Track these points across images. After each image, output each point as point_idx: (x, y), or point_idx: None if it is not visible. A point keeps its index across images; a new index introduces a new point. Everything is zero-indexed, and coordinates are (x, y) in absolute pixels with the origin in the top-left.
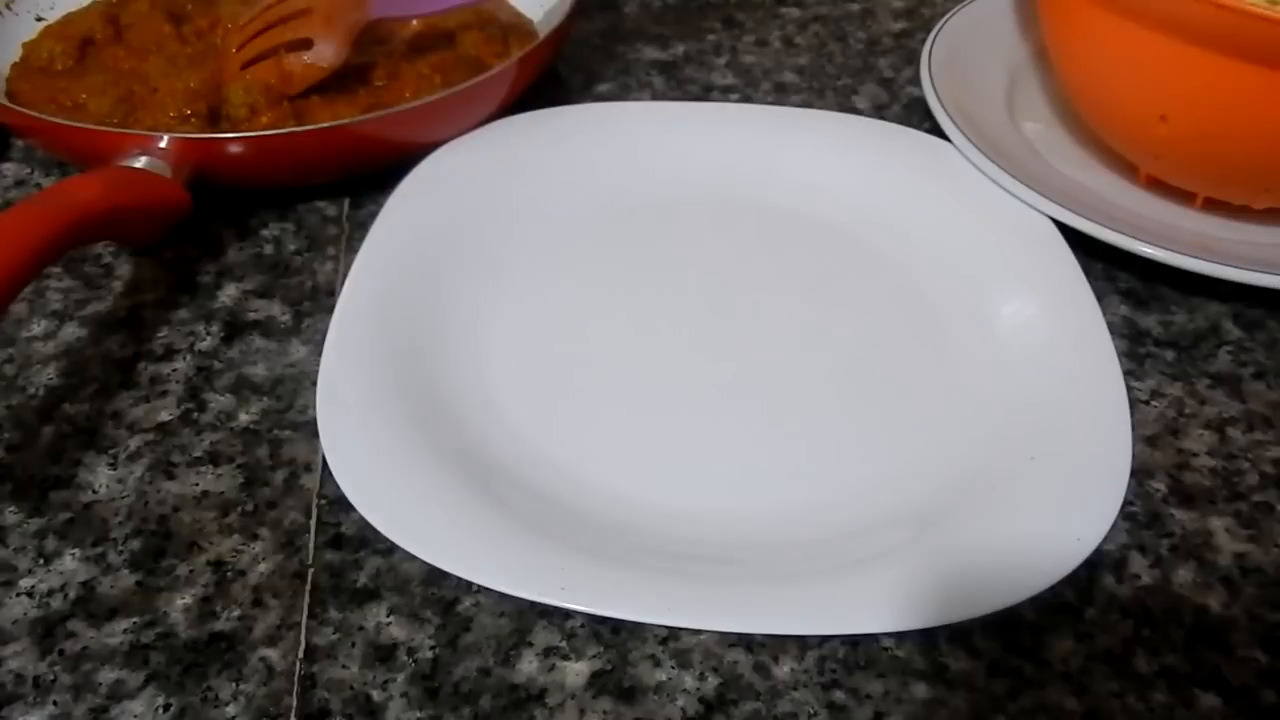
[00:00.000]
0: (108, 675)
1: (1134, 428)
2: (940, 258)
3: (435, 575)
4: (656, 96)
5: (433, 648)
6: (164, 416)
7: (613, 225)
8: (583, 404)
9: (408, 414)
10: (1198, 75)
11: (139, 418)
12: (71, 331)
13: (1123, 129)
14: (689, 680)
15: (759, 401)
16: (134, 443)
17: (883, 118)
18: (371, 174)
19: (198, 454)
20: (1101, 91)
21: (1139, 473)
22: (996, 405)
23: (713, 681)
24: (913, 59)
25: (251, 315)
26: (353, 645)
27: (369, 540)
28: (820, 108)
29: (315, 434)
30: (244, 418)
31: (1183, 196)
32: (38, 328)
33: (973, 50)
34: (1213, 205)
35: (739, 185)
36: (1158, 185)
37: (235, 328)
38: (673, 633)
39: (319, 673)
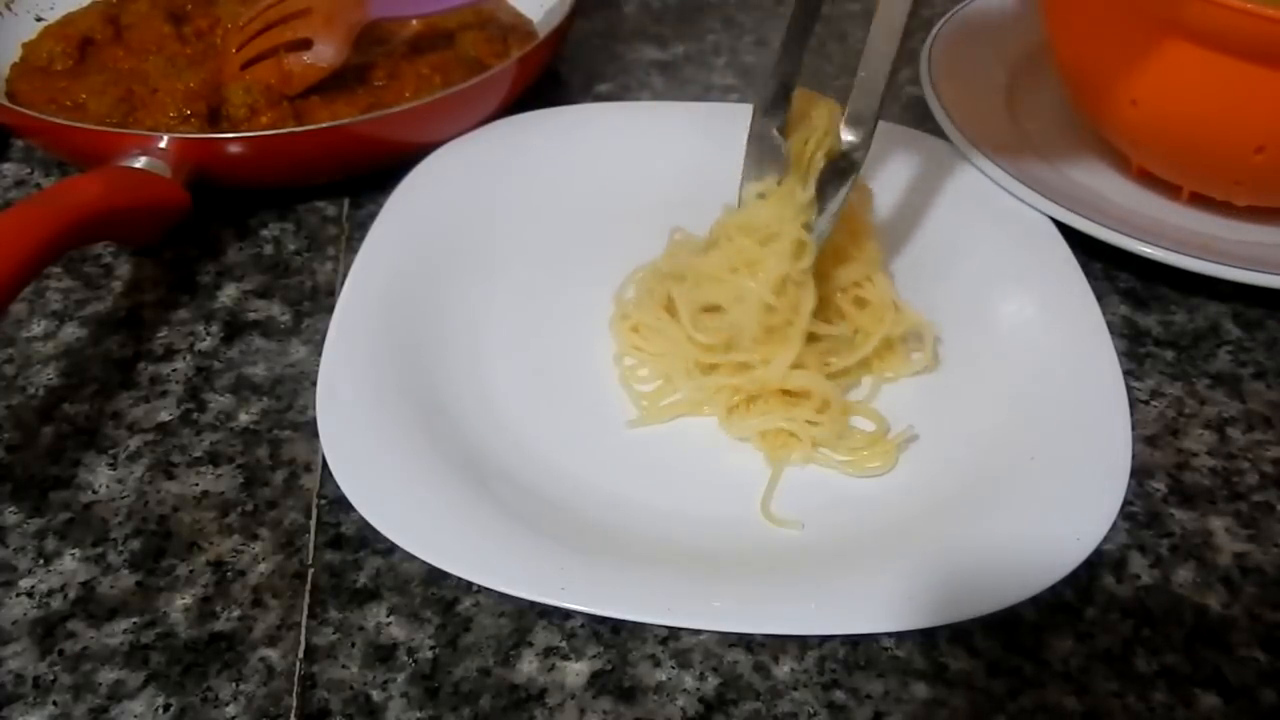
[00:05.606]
0: (108, 675)
1: (1134, 428)
2: (940, 258)
3: (435, 575)
4: (656, 96)
5: (433, 648)
6: (164, 416)
7: (612, 225)
8: (583, 404)
9: (408, 414)
10: (1159, 59)
11: (139, 418)
12: (71, 331)
13: (1103, 113)
14: (689, 680)
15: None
16: (134, 443)
17: (883, 118)
18: (371, 174)
19: (198, 454)
20: (1083, 74)
21: (1139, 473)
22: (996, 405)
23: (713, 681)
24: (913, 59)
25: (251, 315)
26: (353, 645)
27: (369, 540)
28: None
29: (315, 434)
30: (244, 418)
31: (1173, 191)
32: (38, 328)
33: (972, 50)
34: (1202, 202)
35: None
36: (1149, 179)
37: (235, 328)
38: (673, 633)
39: (319, 673)
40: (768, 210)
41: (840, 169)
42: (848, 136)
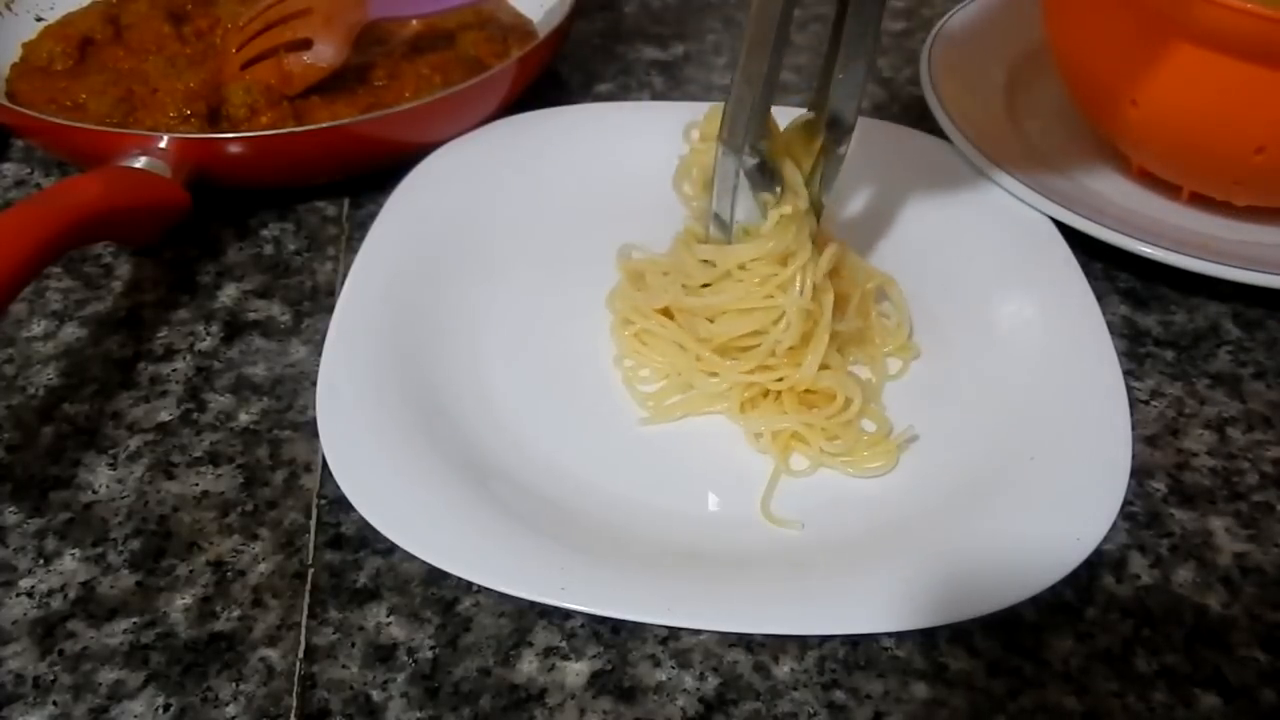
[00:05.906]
0: (108, 675)
1: (1134, 428)
2: (940, 258)
3: (435, 575)
4: (656, 96)
5: (433, 648)
6: (164, 416)
7: (612, 225)
8: (583, 404)
9: (408, 414)
10: (1159, 59)
11: (139, 418)
12: (71, 331)
13: (1103, 113)
14: (689, 680)
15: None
16: (134, 443)
17: (883, 118)
18: (371, 174)
19: (198, 454)
20: (1083, 74)
21: (1139, 473)
22: (996, 405)
23: (713, 681)
24: (913, 59)
25: (251, 315)
26: (353, 645)
27: (369, 540)
28: None
29: (315, 434)
30: (244, 418)
31: (1173, 191)
32: (38, 328)
33: (972, 50)
34: (1202, 202)
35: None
36: (1149, 178)
37: (235, 328)
38: (673, 633)
39: (319, 673)
40: (776, 233)
41: (828, 169)
42: (830, 135)
